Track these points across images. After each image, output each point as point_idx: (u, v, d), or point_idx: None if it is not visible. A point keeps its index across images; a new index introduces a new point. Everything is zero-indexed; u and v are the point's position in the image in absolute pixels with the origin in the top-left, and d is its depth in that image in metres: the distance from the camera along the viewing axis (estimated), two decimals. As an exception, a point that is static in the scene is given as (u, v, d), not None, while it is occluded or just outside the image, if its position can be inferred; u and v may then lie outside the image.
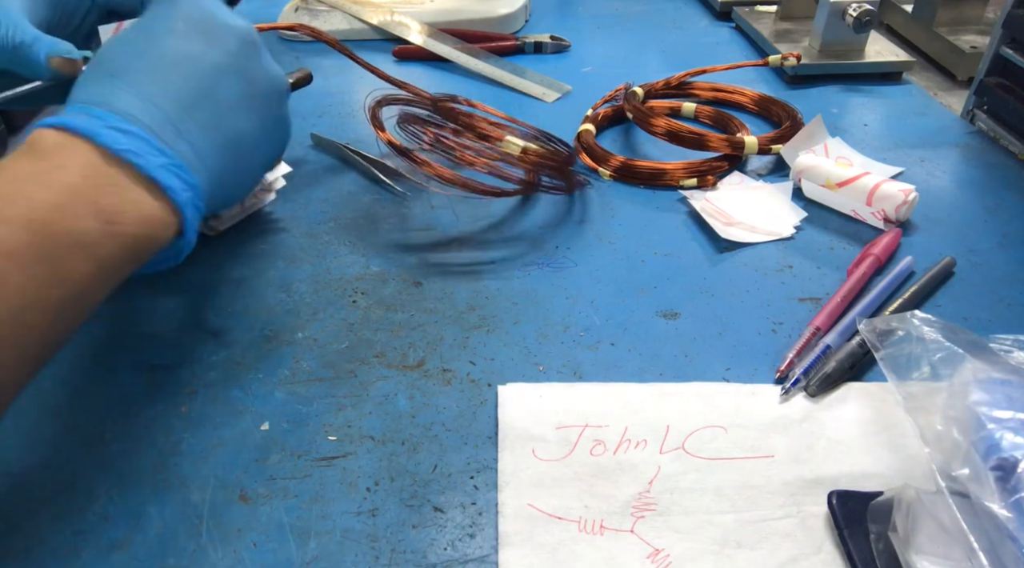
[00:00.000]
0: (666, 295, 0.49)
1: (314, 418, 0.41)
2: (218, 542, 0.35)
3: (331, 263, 0.52)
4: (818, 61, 0.76)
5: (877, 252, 0.50)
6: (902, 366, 0.39)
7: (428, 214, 0.57)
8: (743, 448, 0.39)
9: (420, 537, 0.35)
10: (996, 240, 0.54)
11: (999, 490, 0.31)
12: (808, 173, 0.57)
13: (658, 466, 0.38)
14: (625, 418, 0.40)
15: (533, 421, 0.40)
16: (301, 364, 0.44)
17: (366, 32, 0.87)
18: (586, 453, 0.38)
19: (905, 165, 0.62)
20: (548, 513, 0.36)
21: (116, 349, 0.45)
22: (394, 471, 0.38)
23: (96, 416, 0.41)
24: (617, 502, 0.36)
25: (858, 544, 0.33)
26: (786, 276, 0.51)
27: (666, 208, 0.58)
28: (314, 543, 0.35)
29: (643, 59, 0.83)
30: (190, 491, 0.37)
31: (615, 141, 0.67)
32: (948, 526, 0.31)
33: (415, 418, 0.41)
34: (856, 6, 0.74)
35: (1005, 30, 0.64)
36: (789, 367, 0.43)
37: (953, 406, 0.36)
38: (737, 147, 0.60)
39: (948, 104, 0.73)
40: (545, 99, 0.74)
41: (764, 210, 0.57)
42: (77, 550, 0.35)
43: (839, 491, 0.35)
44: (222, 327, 0.47)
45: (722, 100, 0.72)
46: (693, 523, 0.35)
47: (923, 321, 0.41)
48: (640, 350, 0.45)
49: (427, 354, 0.45)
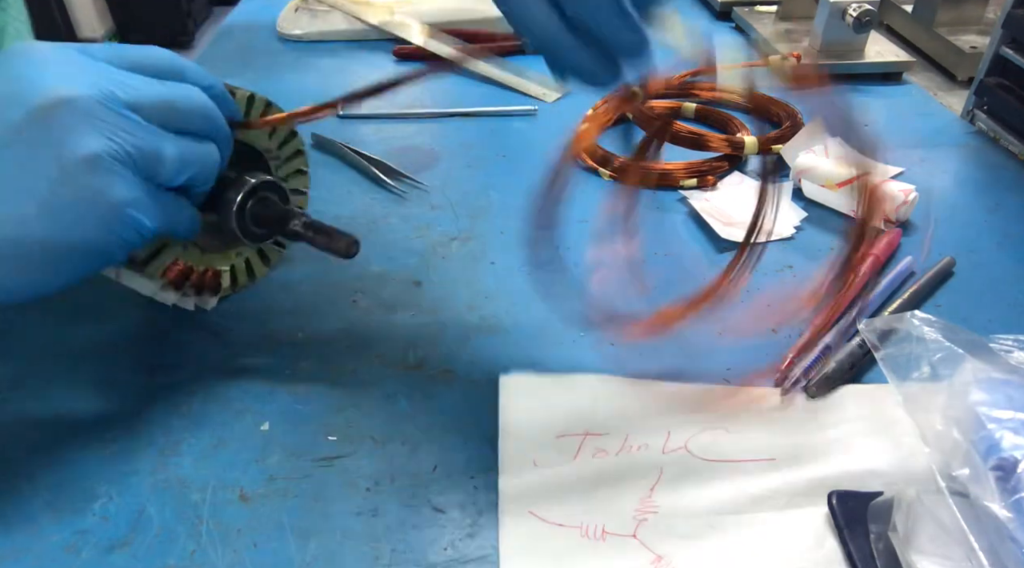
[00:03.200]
0: (666, 295, 0.49)
1: (314, 418, 0.41)
2: (218, 542, 0.35)
3: (331, 263, 0.52)
4: (818, 61, 0.76)
5: (877, 252, 0.50)
6: (902, 366, 0.39)
7: (428, 214, 0.57)
8: (744, 450, 0.39)
9: (420, 537, 0.35)
10: (996, 240, 0.54)
11: (999, 490, 0.31)
12: (808, 173, 0.57)
13: (660, 470, 0.38)
14: (626, 423, 0.40)
15: (534, 428, 0.39)
16: (301, 364, 0.44)
17: (366, 32, 0.87)
18: (587, 458, 0.38)
19: (905, 165, 0.62)
20: (550, 520, 0.36)
21: (116, 349, 0.45)
22: (394, 471, 0.38)
23: (96, 416, 0.41)
24: (619, 507, 0.36)
25: (858, 544, 0.33)
26: (786, 276, 0.51)
27: (666, 208, 0.58)
28: (314, 543, 0.35)
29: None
30: (190, 491, 0.37)
31: (615, 141, 0.67)
32: (948, 526, 0.31)
33: (415, 418, 0.41)
34: (856, 6, 0.74)
35: (1005, 30, 0.64)
36: (789, 367, 0.43)
37: (953, 406, 0.36)
38: (737, 147, 0.60)
39: (948, 104, 0.73)
40: (545, 99, 0.74)
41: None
42: (77, 550, 0.35)
43: (839, 491, 0.35)
44: (222, 327, 0.47)
45: (722, 100, 0.72)
46: (695, 526, 0.35)
47: (923, 321, 0.41)
48: (640, 350, 0.45)
49: (427, 354, 0.45)
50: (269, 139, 0.45)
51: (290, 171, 0.48)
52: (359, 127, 0.69)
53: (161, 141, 0.36)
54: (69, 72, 0.35)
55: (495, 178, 0.62)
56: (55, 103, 0.34)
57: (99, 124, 0.34)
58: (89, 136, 0.34)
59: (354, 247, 0.39)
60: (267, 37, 0.87)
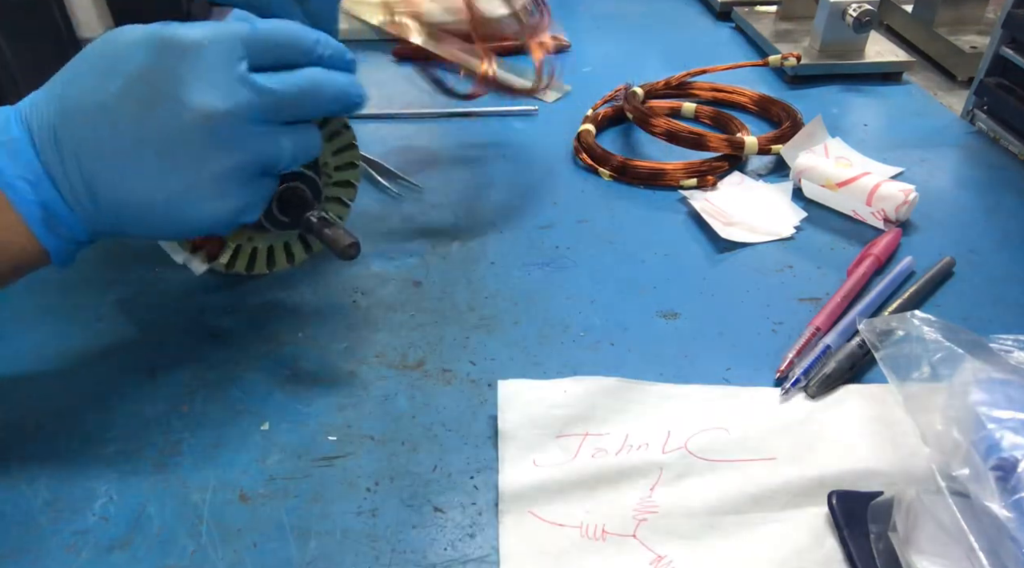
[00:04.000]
0: (666, 295, 0.49)
1: (314, 418, 0.41)
2: (218, 542, 0.35)
3: (331, 263, 0.52)
4: (818, 61, 0.76)
5: (877, 252, 0.50)
6: (902, 366, 0.39)
7: (428, 214, 0.57)
8: (745, 450, 0.39)
9: (420, 537, 0.35)
10: (996, 240, 0.54)
11: (999, 490, 0.31)
12: (808, 173, 0.57)
13: (660, 469, 0.38)
14: (626, 423, 0.40)
15: (534, 428, 0.39)
16: (301, 364, 0.44)
17: (366, 32, 0.87)
18: (587, 458, 0.38)
19: (905, 165, 0.62)
20: (550, 520, 0.36)
21: (116, 349, 0.45)
22: (394, 471, 0.38)
23: (96, 416, 0.41)
24: (619, 507, 0.36)
25: (858, 544, 0.33)
26: (786, 276, 0.51)
27: (666, 208, 0.58)
28: (314, 543, 0.35)
29: (643, 59, 0.83)
30: (190, 491, 0.37)
31: (615, 141, 0.67)
32: (948, 526, 0.31)
33: (415, 418, 0.41)
34: (856, 6, 0.74)
35: (1005, 30, 0.64)
36: (789, 367, 0.43)
37: (953, 406, 0.36)
38: (737, 147, 0.60)
39: (948, 104, 0.73)
40: (545, 99, 0.74)
41: (764, 210, 0.57)
42: (77, 550, 0.35)
43: (839, 491, 0.35)
44: (222, 327, 0.47)
45: (722, 100, 0.72)
46: (695, 526, 0.35)
47: (923, 321, 0.41)
48: (640, 350, 0.45)
49: (427, 354, 0.45)
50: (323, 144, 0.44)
51: (338, 180, 0.47)
52: (359, 127, 0.69)
53: (279, 142, 0.37)
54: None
55: (495, 178, 0.62)
56: (168, 56, 0.34)
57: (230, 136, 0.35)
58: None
59: (353, 248, 0.40)
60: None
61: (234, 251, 0.44)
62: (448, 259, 0.53)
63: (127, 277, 0.50)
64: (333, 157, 0.46)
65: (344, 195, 0.48)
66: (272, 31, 0.37)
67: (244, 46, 0.35)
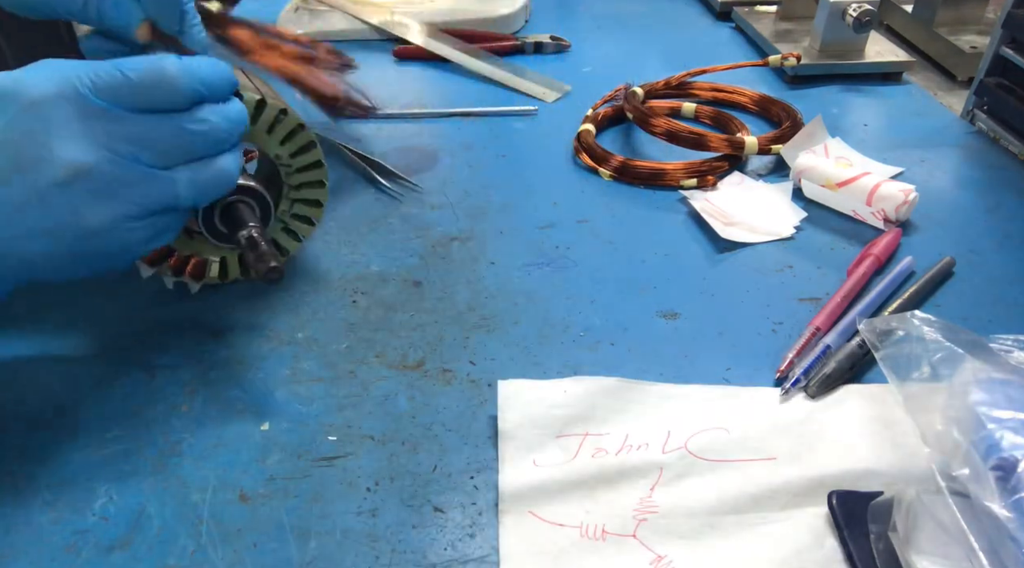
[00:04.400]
0: (666, 295, 0.49)
1: (314, 418, 0.41)
2: (218, 542, 0.35)
3: (331, 263, 0.52)
4: (818, 61, 0.76)
5: (877, 252, 0.50)
6: (902, 366, 0.39)
7: (428, 214, 0.57)
8: (745, 450, 0.39)
9: (420, 537, 0.35)
10: (996, 240, 0.54)
11: (999, 490, 0.31)
12: (808, 173, 0.57)
13: (660, 469, 0.38)
14: (626, 423, 0.40)
15: (534, 428, 0.39)
16: (301, 364, 0.44)
17: (366, 32, 0.87)
18: (587, 458, 0.38)
19: (905, 165, 0.62)
20: (550, 520, 0.36)
21: (116, 349, 0.45)
22: (394, 471, 0.38)
23: (96, 416, 0.41)
24: (619, 507, 0.36)
25: (858, 544, 0.33)
26: (786, 276, 0.51)
27: (666, 208, 0.58)
28: (314, 543, 0.35)
29: (643, 59, 0.83)
30: (190, 491, 0.37)
31: (615, 141, 0.67)
32: (948, 526, 0.31)
33: (415, 418, 0.41)
34: (856, 6, 0.74)
35: (1005, 30, 0.64)
36: (789, 367, 0.43)
37: (953, 406, 0.36)
38: (737, 147, 0.60)
39: (948, 104, 0.73)
40: (545, 99, 0.74)
41: (764, 210, 0.57)
42: (77, 550, 0.35)
43: (839, 491, 0.35)
44: (222, 327, 0.47)
45: (722, 100, 0.72)
46: (695, 526, 0.35)
47: (923, 321, 0.41)
48: (640, 350, 0.45)
49: (427, 354, 0.45)
50: (280, 146, 0.45)
51: (303, 181, 0.47)
52: (359, 127, 0.69)
53: (175, 186, 0.37)
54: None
55: (495, 178, 0.62)
56: (43, 101, 0.33)
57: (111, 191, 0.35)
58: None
59: (272, 274, 0.38)
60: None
61: (184, 261, 0.46)
62: (448, 259, 0.53)
63: (127, 277, 0.50)
64: (293, 158, 0.46)
65: (317, 196, 0.48)
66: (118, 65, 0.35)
67: (92, 87, 0.34)
